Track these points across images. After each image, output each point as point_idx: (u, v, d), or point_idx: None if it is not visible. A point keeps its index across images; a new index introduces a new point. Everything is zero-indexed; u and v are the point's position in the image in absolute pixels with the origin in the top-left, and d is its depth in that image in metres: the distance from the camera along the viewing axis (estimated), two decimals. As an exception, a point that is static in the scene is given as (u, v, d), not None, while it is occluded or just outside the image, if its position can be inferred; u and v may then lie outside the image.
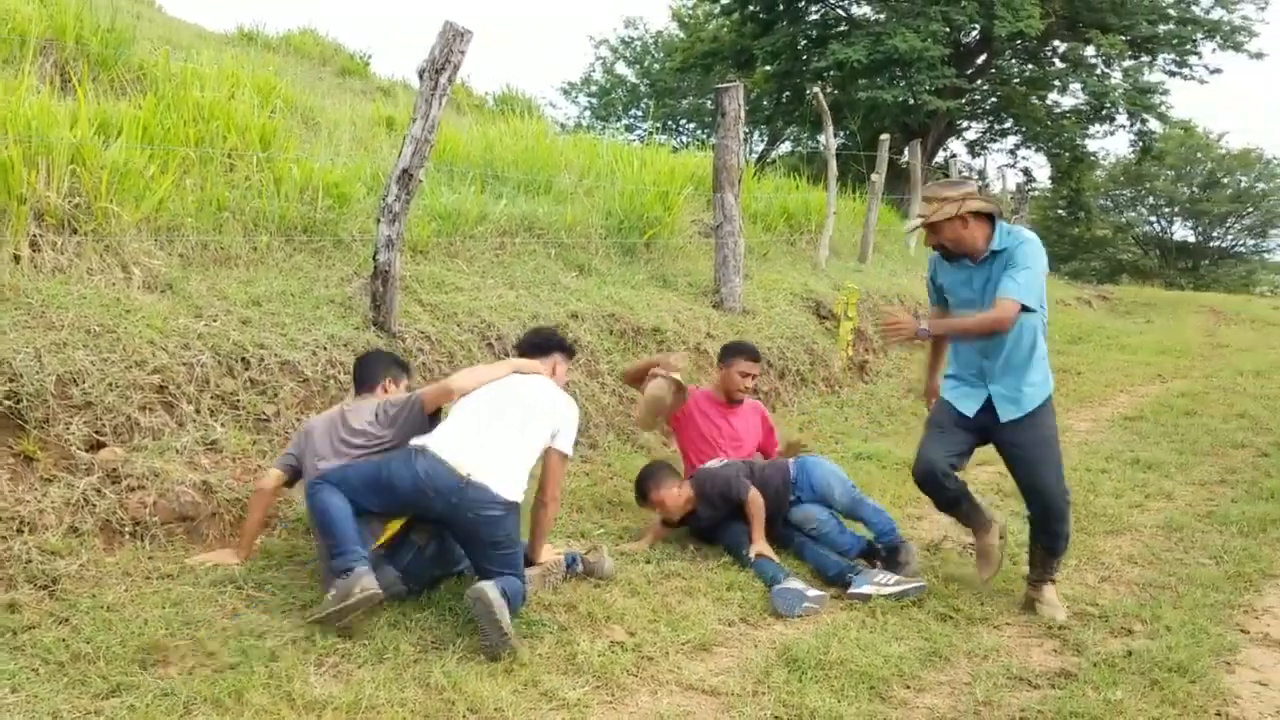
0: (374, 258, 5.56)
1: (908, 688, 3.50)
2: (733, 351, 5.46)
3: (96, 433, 4.15)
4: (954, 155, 23.17)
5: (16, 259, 4.75)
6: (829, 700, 3.31)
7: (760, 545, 4.56)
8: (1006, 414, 4.19)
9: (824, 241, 11.24)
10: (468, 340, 5.87)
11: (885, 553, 4.55)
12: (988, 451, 6.84)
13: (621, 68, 33.53)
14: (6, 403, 3.96)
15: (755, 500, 4.67)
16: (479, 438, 3.80)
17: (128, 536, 4.01)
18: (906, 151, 15.11)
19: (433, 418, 4.04)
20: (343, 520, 3.60)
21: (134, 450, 4.19)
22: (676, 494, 4.78)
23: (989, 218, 4.09)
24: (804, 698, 3.32)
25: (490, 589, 3.48)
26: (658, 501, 4.80)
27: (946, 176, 19.86)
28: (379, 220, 5.53)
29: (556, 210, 8.30)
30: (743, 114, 8.30)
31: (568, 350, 4.59)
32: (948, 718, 3.32)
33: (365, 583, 3.47)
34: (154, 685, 3.09)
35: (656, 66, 32.04)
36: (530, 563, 4.07)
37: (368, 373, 4.30)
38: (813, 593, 4.13)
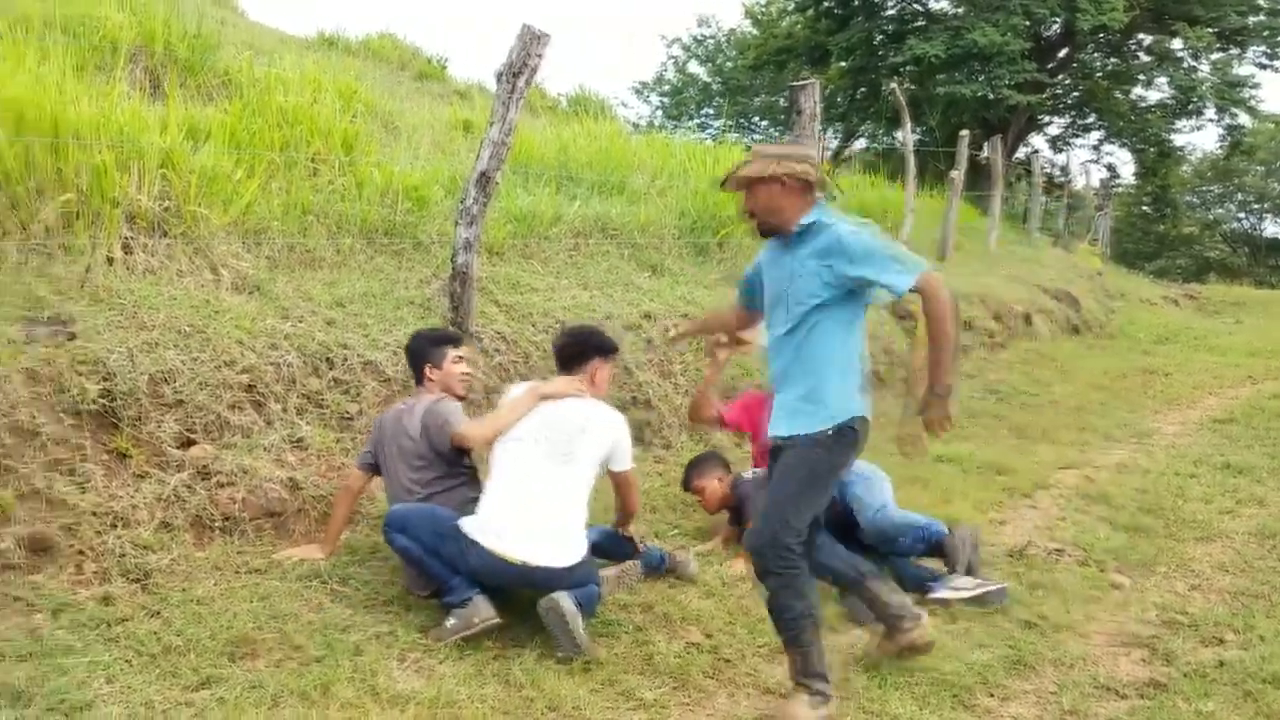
0: (452, 259, 5.63)
1: (992, 696, 3.44)
2: None
3: (187, 430, 4.27)
4: (1035, 151, 22.69)
5: (110, 261, 4.90)
6: (911, 708, 3.27)
7: (737, 562, 4.49)
8: (776, 428, 3.35)
9: (902, 239, 11.09)
10: (542, 341, 5.90)
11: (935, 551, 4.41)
12: (1071, 454, 6.77)
13: (694, 66, 33.45)
14: (101, 401, 4.09)
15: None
16: (527, 512, 3.67)
17: (217, 532, 4.11)
18: (986, 147, 14.84)
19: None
20: (430, 560, 3.65)
21: (224, 448, 4.30)
22: (717, 486, 4.82)
23: (813, 192, 3.38)
24: (886, 705, 3.28)
25: (564, 599, 3.50)
26: (698, 489, 4.86)
27: (1029, 174, 19.47)
28: (457, 223, 5.60)
29: (630, 210, 8.31)
30: (819, 112, 8.22)
31: (606, 350, 4.14)
32: (1033, 728, 3.26)
33: (484, 612, 3.56)
34: (243, 678, 3.18)
35: (729, 64, 31.89)
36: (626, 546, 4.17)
37: (412, 368, 4.31)
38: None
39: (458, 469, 4.06)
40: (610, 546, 4.22)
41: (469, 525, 3.66)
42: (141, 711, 2.95)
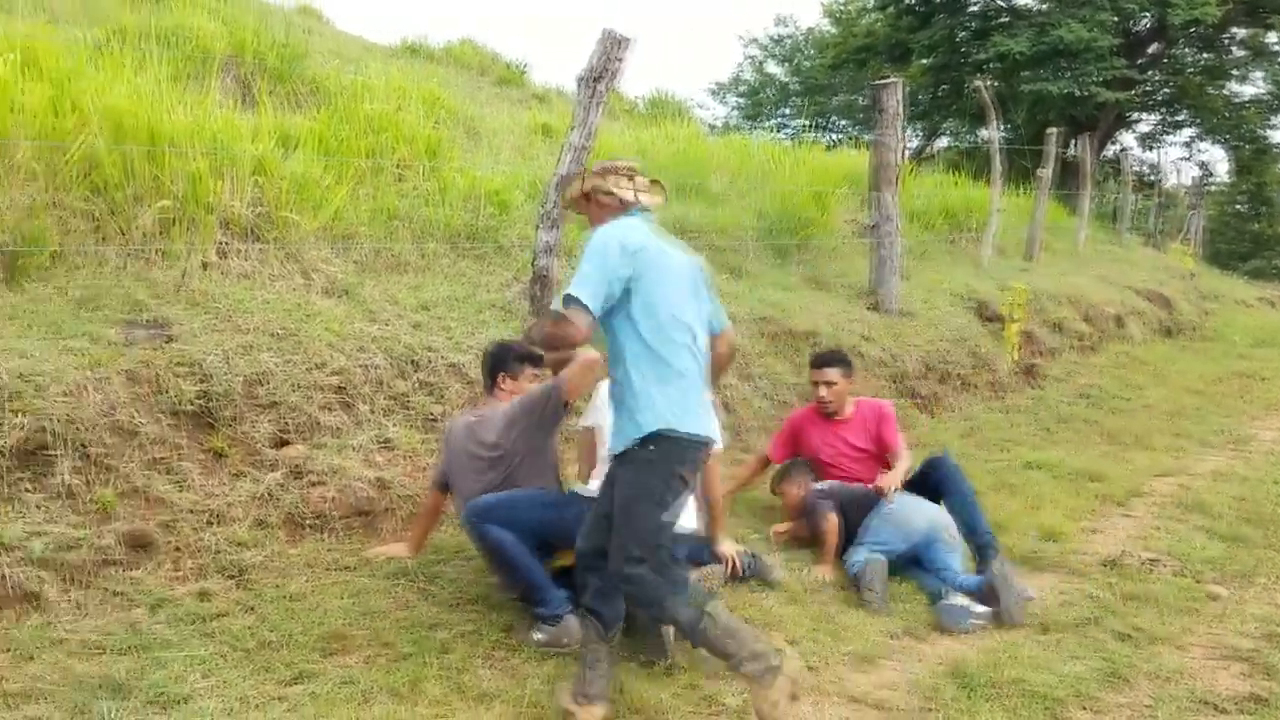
0: (533, 263, 5.68)
1: (1085, 709, 3.34)
2: (810, 363, 5.33)
3: (281, 431, 4.38)
4: (1125, 149, 22.07)
5: (205, 265, 5.05)
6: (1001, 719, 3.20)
7: (821, 568, 4.46)
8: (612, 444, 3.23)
9: (988, 239, 10.88)
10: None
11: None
12: (1166, 461, 6.56)
13: (771, 66, 33.24)
14: (198, 402, 4.21)
15: (828, 527, 4.56)
16: None
17: (309, 529, 4.21)
18: (1074, 145, 14.52)
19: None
20: (527, 562, 3.65)
21: (315, 448, 4.40)
22: (796, 493, 4.89)
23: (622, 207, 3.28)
24: (975, 716, 3.21)
25: None
26: (782, 491, 5.01)
27: (1118, 172, 18.94)
28: (538, 226, 5.65)
29: (709, 213, 8.30)
30: (902, 110, 8.12)
31: None
32: (1130, 743, 3.17)
33: (574, 634, 3.51)
34: (335, 673, 3.24)
35: (807, 64, 31.64)
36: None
37: (487, 374, 4.30)
38: (979, 609, 4.00)
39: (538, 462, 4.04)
40: (691, 552, 4.21)
41: (593, 488, 3.65)
42: (237, 705, 3.02)
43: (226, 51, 7.44)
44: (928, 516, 4.45)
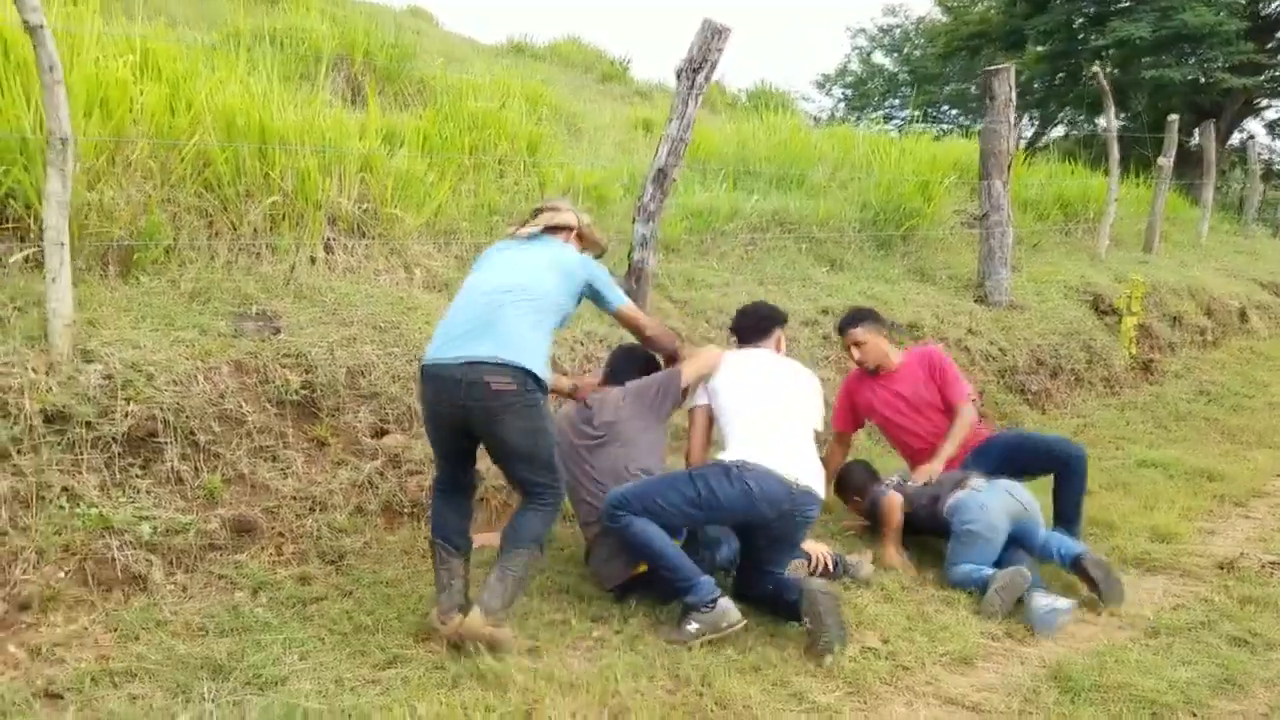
0: (629, 256, 5.68)
1: (1194, 716, 3.18)
2: (836, 331, 5.25)
3: (381, 420, 4.47)
4: (1252, 136, 20.99)
5: (312, 260, 5.18)
6: (1104, 725, 3.07)
7: (884, 554, 4.38)
8: None
9: (1104, 230, 10.47)
10: (717, 338, 5.88)
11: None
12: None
13: (879, 56, 32.63)
14: (303, 392, 4.32)
15: (886, 504, 4.47)
16: (784, 440, 3.80)
17: (405, 517, 4.30)
18: (1197, 133, 13.89)
19: None
20: (673, 551, 3.63)
21: (413, 437, 4.48)
22: (858, 502, 4.84)
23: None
24: (1077, 720, 3.09)
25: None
26: (844, 497, 4.94)
27: (1244, 161, 18.06)
28: (635, 219, 5.65)
29: (809, 204, 8.19)
30: (1014, 97, 7.88)
31: (784, 319, 4.41)
32: (1244, 755, 3.00)
33: (731, 616, 3.53)
34: (426, 658, 3.29)
35: (917, 53, 30.95)
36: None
37: (620, 372, 4.34)
38: (1064, 603, 3.84)
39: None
40: None
41: (732, 455, 3.74)
42: (331, 688, 3.09)
43: (337, 52, 7.64)
44: (1005, 510, 4.23)
